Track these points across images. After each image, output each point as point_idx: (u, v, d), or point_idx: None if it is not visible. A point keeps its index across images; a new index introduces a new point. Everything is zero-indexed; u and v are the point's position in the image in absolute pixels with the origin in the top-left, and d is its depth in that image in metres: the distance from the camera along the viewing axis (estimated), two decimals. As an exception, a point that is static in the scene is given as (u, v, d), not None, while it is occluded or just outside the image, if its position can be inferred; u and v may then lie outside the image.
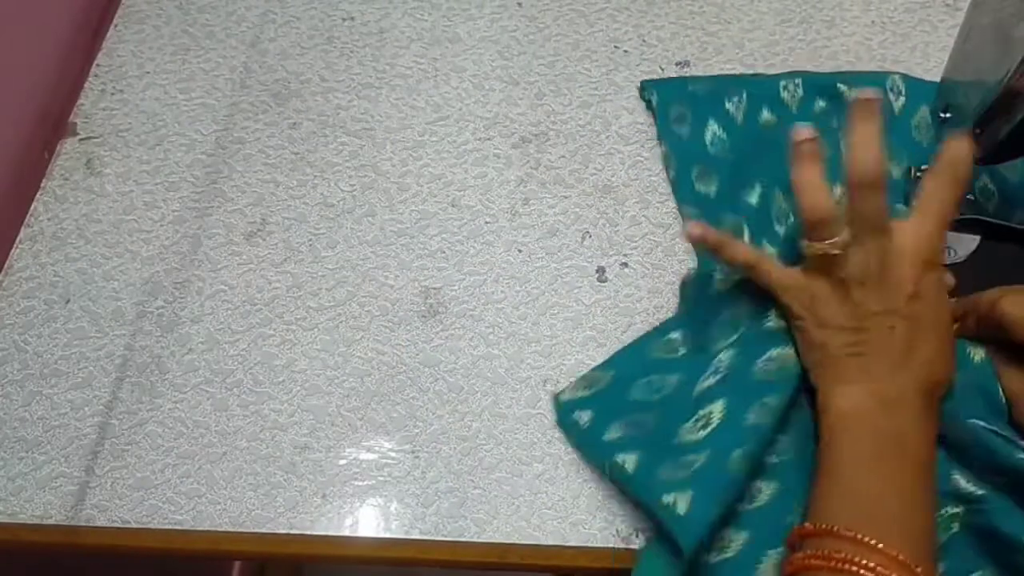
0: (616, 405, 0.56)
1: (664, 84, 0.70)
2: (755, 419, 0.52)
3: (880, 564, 0.42)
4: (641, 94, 0.71)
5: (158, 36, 0.74)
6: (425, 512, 0.54)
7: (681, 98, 0.69)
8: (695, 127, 0.67)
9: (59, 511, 0.54)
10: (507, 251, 0.64)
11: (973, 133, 0.57)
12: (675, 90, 0.69)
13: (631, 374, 0.58)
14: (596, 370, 0.59)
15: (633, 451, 0.53)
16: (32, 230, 0.64)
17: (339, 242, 0.64)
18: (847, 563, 0.42)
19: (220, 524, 0.53)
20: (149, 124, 0.69)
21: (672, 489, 0.50)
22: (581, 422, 0.56)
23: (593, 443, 0.55)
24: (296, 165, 0.68)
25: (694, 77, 0.71)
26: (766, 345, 0.55)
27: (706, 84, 0.70)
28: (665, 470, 0.51)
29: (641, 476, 0.52)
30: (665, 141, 0.68)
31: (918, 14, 0.75)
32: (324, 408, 0.57)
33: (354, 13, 0.76)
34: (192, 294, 0.61)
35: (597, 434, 0.55)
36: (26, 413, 0.57)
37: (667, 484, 0.50)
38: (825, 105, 0.68)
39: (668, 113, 0.68)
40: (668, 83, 0.70)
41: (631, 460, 0.52)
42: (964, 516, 0.51)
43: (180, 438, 0.56)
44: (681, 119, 0.68)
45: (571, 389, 0.58)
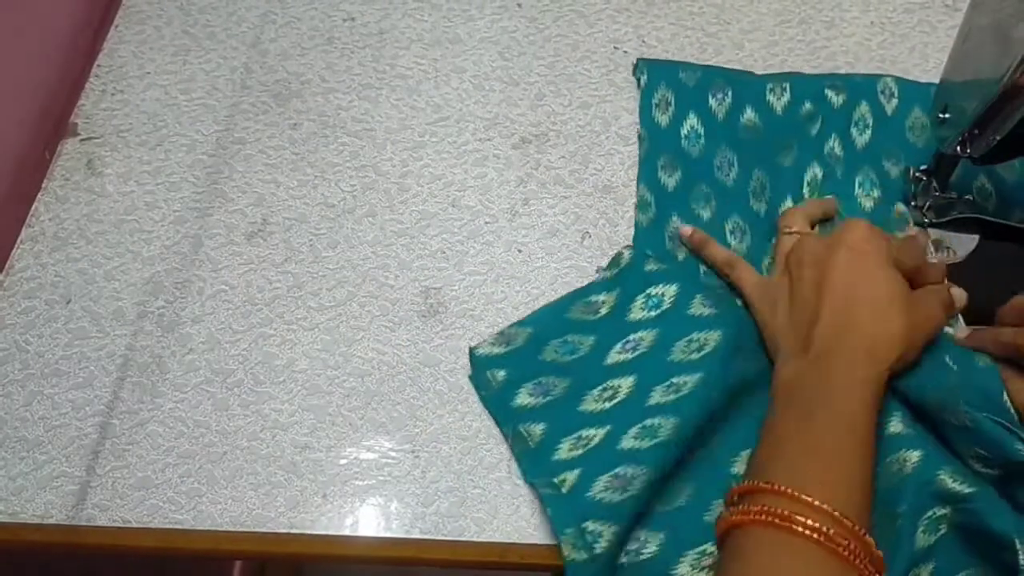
0: (529, 366, 0.57)
1: (656, 66, 0.71)
2: (659, 399, 0.54)
3: (810, 516, 0.44)
4: (634, 71, 0.72)
5: (159, 37, 0.74)
6: (425, 511, 0.54)
7: (668, 84, 0.70)
8: (675, 118, 0.68)
9: (60, 511, 0.54)
10: (507, 251, 0.64)
11: (972, 133, 0.57)
12: (665, 74, 0.70)
13: (548, 333, 0.59)
14: (514, 326, 0.60)
15: (538, 422, 0.55)
16: (33, 230, 0.64)
17: (340, 242, 0.64)
18: (778, 517, 0.44)
19: (221, 524, 0.53)
20: (150, 124, 0.69)
21: (563, 469, 0.52)
22: (494, 381, 0.57)
23: (502, 406, 0.56)
24: (297, 165, 0.68)
25: (687, 64, 0.72)
26: (689, 327, 0.57)
27: (696, 74, 0.70)
28: (563, 448, 0.53)
29: (540, 452, 0.54)
30: (643, 124, 0.69)
31: (917, 15, 0.76)
32: (324, 408, 0.57)
33: (354, 14, 0.76)
34: (193, 294, 0.62)
35: (507, 398, 0.56)
36: (27, 413, 0.57)
37: (560, 464, 0.53)
38: (811, 108, 0.68)
39: (652, 97, 0.69)
40: (660, 66, 0.71)
41: (535, 432, 0.55)
42: (952, 516, 0.51)
43: (181, 438, 0.56)
44: (664, 106, 0.69)
45: (487, 344, 0.59)
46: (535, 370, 0.57)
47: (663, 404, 0.54)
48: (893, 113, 0.69)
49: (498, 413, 0.57)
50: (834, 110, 0.68)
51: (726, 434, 0.54)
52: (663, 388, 0.55)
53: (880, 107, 0.69)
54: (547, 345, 0.58)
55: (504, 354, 0.58)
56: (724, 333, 0.56)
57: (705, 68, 0.71)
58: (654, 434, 0.52)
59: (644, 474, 0.51)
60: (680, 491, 0.53)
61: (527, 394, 0.56)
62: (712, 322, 0.57)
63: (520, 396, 0.56)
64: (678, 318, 0.58)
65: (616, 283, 0.61)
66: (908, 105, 0.69)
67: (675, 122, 0.68)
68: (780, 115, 0.68)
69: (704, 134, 0.68)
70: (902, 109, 0.69)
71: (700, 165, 0.67)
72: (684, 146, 0.67)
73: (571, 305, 0.60)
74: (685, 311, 0.58)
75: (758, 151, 0.67)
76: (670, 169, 0.66)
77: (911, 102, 0.69)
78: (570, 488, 0.51)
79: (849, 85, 0.69)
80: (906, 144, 0.68)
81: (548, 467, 0.53)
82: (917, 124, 0.68)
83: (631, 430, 0.53)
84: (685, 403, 0.53)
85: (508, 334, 0.59)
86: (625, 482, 0.51)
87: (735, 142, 0.67)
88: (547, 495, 0.52)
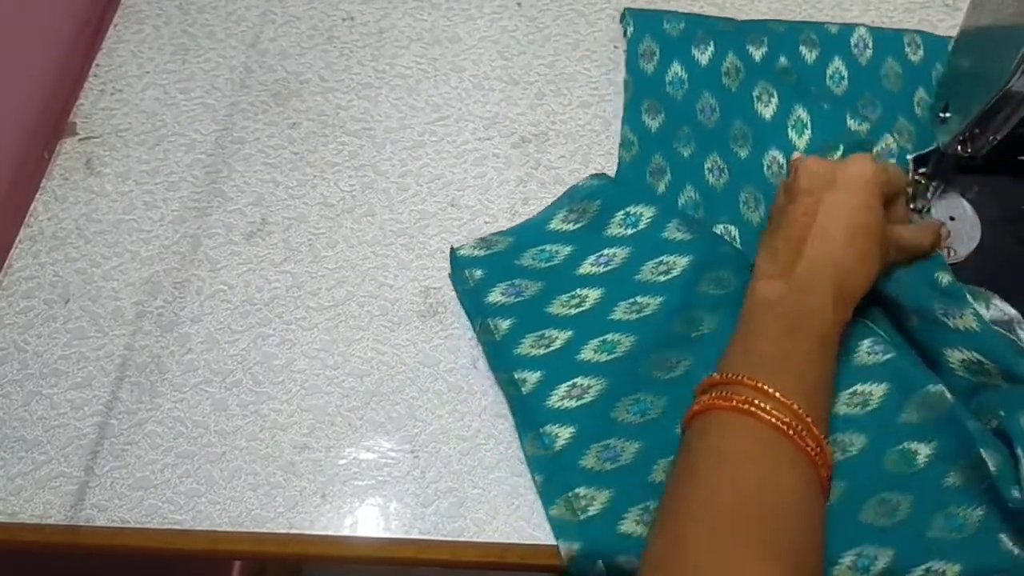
0: (506, 268, 0.61)
1: (642, 16, 0.73)
2: (621, 315, 0.58)
3: (776, 408, 0.47)
4: (621, 20, 0.74)
5: (158, 36, 0.74)
6: (425, 512, 0.54)
7: (654, 35, 0.72)
8: (659, 65, 0.71)
9: (59, 511, 0.54)
10: (507, 251, 0.64)
11: (972, 132, 0.57)
12: (650, 25, 0.72)
13: (528, 241, 0.63)
14: (498, 235, 0.63)
15: (506, 318, 0.59)
16: (32, 230, 0.64)
17: (339, 242, 0.64)
18: (746, 403, 0.47)
19: (220, 524, 0.53)
20: (149, 124, 0.69)
21: (525, 366, 0.57)
22: (471, 279, 0.61)
23: (475, 300, 0.60)
24: (296, 165, 0.68)
25: (672, 13, 0.73)
26: (660, 249, 0.60)
27: (679, 25, 0.72)
28: (525, 344, 0.57)
29: (504, 345, 0.58)
30: (629, 71, 0.71)
31: (918, 14, 0.75)
32: (324, 408, 0.57)
33: (354, 13, 0.76)
34: (192, 294, 0.61)
35: (481, 294, 0.60)
36: (26, 413, 0.57)
37: (522, 360, 0.57)
38: (786, 64, 0.70)
39: (638, 47, 0.72)
40: (646, 16, 0.73)
41: (502, 326, 0.58)
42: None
43: (180, 438, 0.56)
44: (648, 56, 0.71)
45: (470, 247, 0.62)
46: (511, 272, 0.61)
47: (624, 321, 0.58)
48: (867, 64, 0.71)
49: (470, 307, 0.60)
50: (808, 66, 0.70)
51: (695, 358, 0.57)
52: (626, 304, 0.59)
53: (854, 60, 0.71)
54: (525, 252, 0.62)
55: (484, 256, 0.61)
56: (693, 259, 0.60)
57: (688, 18, 0.73)
58: (612, 349, 0.57)
59: (599, 385, 0.56)
60: (652, 406, 0.55)
61: (500, 293, 0.60)
62: (684, 247, 0.60)
63: (493, 294, 0.60)
64: (652, 239, 0.61)
65: (599, 194, 0.63)
66: (881, 55, 0.71)
67: (660, 69, 0.70)
68: (759, 63, 0.70)
69: (688, 79, 0.70)
70: (875, 59, 0.71)
71: (683, 108, 0.69)
72: (668, 91, 0.70)
73: (555, 214, 0.63)
74: (659, 233, 0.61)
75: (739, 98, 0.68)
76: (654, 112, 0.69)
77: (884, 52, 0.71)
78: (530, 391, 0.56)
79: (823, 39, 0.71)
80: (882, 91, 0.70)
81: (510, 360, 0.57)
82: (891, 73, 0.70)
83: (591, 342, 0.57)
84: (644, 324, 0.58)
85: (490, 240, 0.62)
86: (582, 391, 0.56)
87: (718, 88, 0.69)
88: (511, 394, 0.56)
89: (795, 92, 0.67)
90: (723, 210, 0.64)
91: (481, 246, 0.62)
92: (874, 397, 0.55)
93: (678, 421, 0.53)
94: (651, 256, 0.60)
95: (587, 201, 0.63)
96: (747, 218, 0.63)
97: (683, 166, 0.66)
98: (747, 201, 0.64)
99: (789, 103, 0.66)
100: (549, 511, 0.53)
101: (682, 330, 0.58)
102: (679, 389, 0.55)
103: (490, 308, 0.59)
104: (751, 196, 0.64)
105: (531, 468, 0.54)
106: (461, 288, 0.61)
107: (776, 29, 0.72)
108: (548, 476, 0.54)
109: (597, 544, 0.51)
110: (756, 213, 0.63)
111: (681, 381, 0.56)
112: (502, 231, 0.63)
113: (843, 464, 0.53)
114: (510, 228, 0.63)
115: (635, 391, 0.56)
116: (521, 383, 0.56)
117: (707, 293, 0.59)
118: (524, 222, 0.64)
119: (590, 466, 0.53)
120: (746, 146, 0.66)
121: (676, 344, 0.57)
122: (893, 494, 0.52)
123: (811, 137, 0.64)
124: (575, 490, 0.53)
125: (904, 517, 0.51)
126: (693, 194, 0.65)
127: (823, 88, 0.69)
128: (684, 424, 0.51)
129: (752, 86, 0.68)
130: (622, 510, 0.52)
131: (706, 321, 0.58)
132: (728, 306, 0.58)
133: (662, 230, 0.61)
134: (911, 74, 0.70)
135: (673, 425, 0.53)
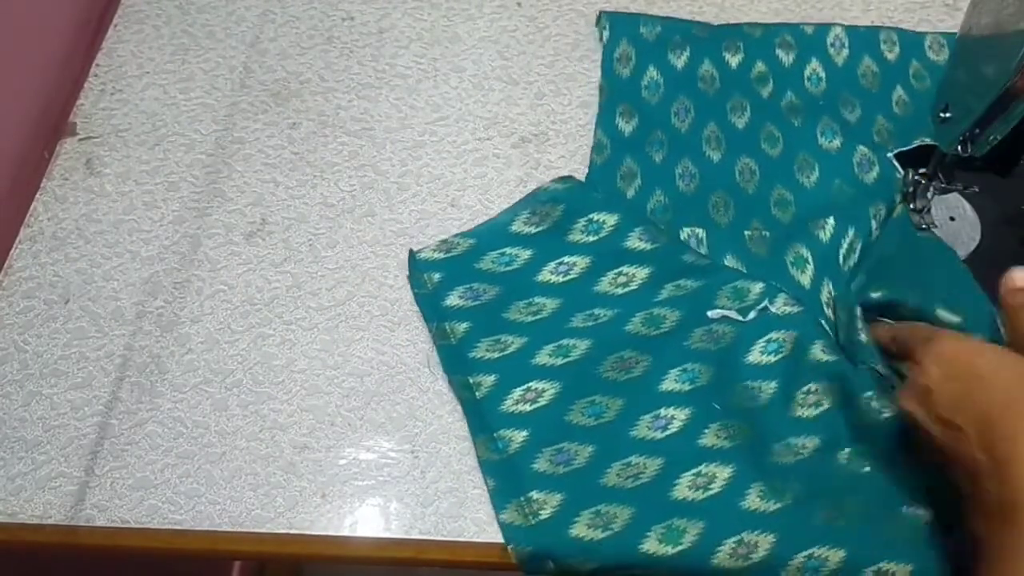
0: (465, 272, 0.61)
1: (618, 19, 0.73)
2: (578, 323, 0.58)
3: None
4: (597, 23, 0.74)
5: (158, 36, 0.74)
6: (424, 512, 0.54)
7: (630, 40, 0.72)
8: (636, 71, 0.71)
9: (59, 511, 0.54)
10: (507, 251, 0.64)
11: (972, 132, 0.57)
12: (627, 28, 0.73)
13: (489, 244, 0.63)
14: (459, 236, 0.63)
15: (462, 321, 0.59)
16: (32, 230, 0.64)
17: (339, 242, 0.64)
18: None
19: (220, 524, 0.53)
20: (149, 124, 0.69)
21: (480, 370, 0.57)
22: (429, 283, 0.61)
23: (433, 304, 0.60)
24: (296, 165, 0.68)
25: (648, 17, 0.74)
26: (620, 260, 0.60)
27: (656, 28, 0.72)
28: (480, 347, 0.58)
29: (460, 348, 0.58)
30: (604, 75, 0.71)
31: (918, 14, 0.75)
32: (324, 408, 0.57)
33: (354, 13, 0.76)
34: (192, 294, 0.61)
35: (439, 297, 0.60)
36: (26, 413, 0.57)
37: (477, 364, 0.57)
38: (763, 69, 0.71)
39: (614, 51, 0.72)
40: (622, 19, 0.73)
41: (459, 329, 0.59)
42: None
43: (180, 438, 0.56)
44: (624, 60, 0.71)
45: (429, 250, 0.62)
46: (470, 276, 0.61)
47: (580, 328, 0.58)
48: (844, 63, 0.71)
49: (427, 310, 0.60)
50: (785, 69, 0.71)
51: (654, 357, 0.57)
52: (583, 315, 0.59)
53: (830, 60, 0.71)
54: (486, 255, 0.62)
55: (443, 260, 0.62)
56: (653, 270, 0.60)
57: (664, 22, 0.73)
58: (567, 353, 0.57)
59: (553, 389, 0.56)
60: (608, 408, 0.55)
61: (458, 296, 0.60)
62: (644, 257, 0.61)
63: (451, 297, 0.60)
64: (613, 248, 0.61)
65: (563, 198, 0.64)
66: (858, 53, 0.72)
67: (636, 74, 0.71)
68: (735, 70, 0.71)
69: (664, 83, 0.70)
70: (852, 58, 0.71)
71: (658, 112, 0.69)
72: (644, 95, 0.70)
73: (517, 215, 0.64)
74: (621, 242, 0.62)
75: (714, 104, 0.69)
76: (628, 116, 0.69)
77: (860, 50, 0.72)
78: (484, 395, 0.56)
79: (799, 41, 0.72)
80: (860, 90, 0.70)
81: (465, 364, 0.57)
82: (868, 72, 0.71)
83: (546, 347, 0.57)
84: (600, 330, 0.58)
85: (451, 243, 0.63)
86: (536, 394, 0.56)
87: (693, 92, 0.70)
88: (464, 398, 0.56)
89: (769, 106, 0.68)
90: (692, 213, 0.64)
91: (441, 248, 0.62)
92: (825, 399, 0.55)
93: (633, 424, 0.54)
94: (611, 266, 0.61)
95: (551, 204, 0.63)
96: (716, 220, 0.64)
97: (654, 171, 0.66)
98: (716, 205, 0.64)
99: (761, 118, 0.68)
100: (500, 515, 0.52)
101: (641, 330, 0.58)
102: (635, 389, 0.55)
103: (447, 311, 0.59)
104: (721, 200, 0.64)
105: (483, 472, 0.54)
106: (419, 291, 0.61)
107: (752, 34, 0.72)
108: (500, 480, 0.54)
109: (549, 547, 0.51)
110: (725, 217, 0.64)
111: (639, 382, 0.56)
112: (464, 232, 0.63)
113: (798, 466, 0.53)
114: (472, 229, 0.63)
115: (590, 393, 0.56)
116: (476, 387, 0.56)
117: (667, 297, 0.59)
118: (486, 222, 0.64)
119: (543, 469, 0.53)
120: (719, 149, 0.67)
121: (634, 343, 0.57)
122: (846, 495, 0.52)
123: (783, 150, 0.66)
124: (528, 494, 0.53)
125: (854, 518, 0.51)
126: (663, 198, 0.65)
127: (801, 90, 0.70)
128: None
129: (727, 97, 0.69)
130: (574, 513, 0.52)
131: (667, 320, 0.58)
132: (688, 305, 0.58)
133: (624, 239, 0.62)
134: (888, 72, 0.71)
135: (627, 428, 0.54)
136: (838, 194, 0.64)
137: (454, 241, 0.63)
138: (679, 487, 0.52)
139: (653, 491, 0.52)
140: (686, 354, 0.56)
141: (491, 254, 0.62)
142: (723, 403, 0.55)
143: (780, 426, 0.54)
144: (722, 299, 0.59)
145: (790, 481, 0.52)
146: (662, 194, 0.65)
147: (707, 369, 0.56)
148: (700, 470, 0.53)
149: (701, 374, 0.56)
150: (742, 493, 0.52)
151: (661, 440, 0.54)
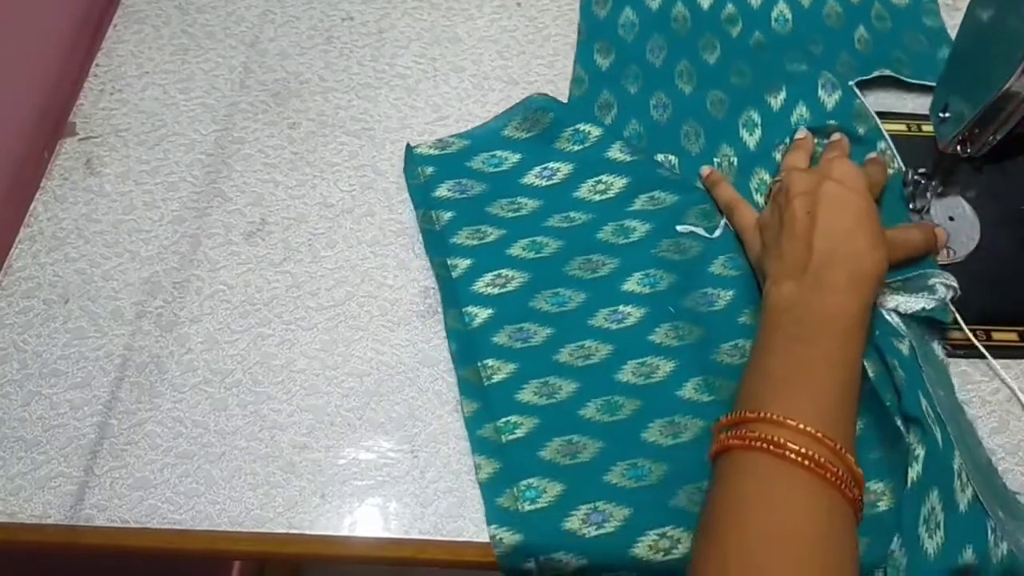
0: (455, 168, 0.66)
1: None
2: (555, 223, 0.63)
3: (790, 440, 0.45)
4: None
5: (157, 36, 0.74)
6: (424, 512, 0.54)
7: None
8: (612, 11, 0.75)
9: (58, 511, 0.54)
10: (506, 251, 0.64)
11: (972, 132, 0.57)
12: None
13: (482, 145, 0.67)
14: (454, 136, 0.68)
15: (448, 210, 0.63)
16: (31, 230, 0.64)
17: (338, 242, 0.64)
18: (770, 443, 0.46)
19: (219, 524, 0.53)
20: (148, 124, 0.69)
21: (457, 254, 0.61)
22: (422, 175, 0.65)
23: (423, 193, 0.65)
24: (295, 165, 0.68)
25: None
26: (601, 168, 0.65)
27: None
28: (461, 235, 0.62)
29: (443, 234, 0.62)
30: (583, 17, 0.75)
31: (918, 14, 0.75)
32: (323, 408, 0.57)
33: (353, 13, 0.76)
34: (191, 294, 0.61)
35: (429, 188, 0.65)
36: (25, 413, 0.57)
37: (456, 248, 0.61)
38: (732, 11, 0.75)
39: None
40: None
41: (444, 216, 0.63)
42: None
43: (179, 438, 0.56)
44: (602, 2, 0.76)
45: (426, 146, 0.67)
46: (460, 172, 0.65)
47: (555, 228, 0.62)
48: (810, 5, 0.75)
49: (417, 197, 0.65)
50: (753, 10, 0.75)
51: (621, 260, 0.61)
52: (560, 217, 0.63)
53: (797, 2, 0.75)
54: (477, 155, 0.66)
55: (437, 156, 0.66)
56: (630, 181, 0.64)
57: None
58: (539, 250, 0.61)
59: (522, 278, 0.60)
60: (571, 300, 0.59)
61: (447, 189, 0.64)
62: (623, 168, 0.65)
63: (440, 189, 0.65)
64: (595, 158, 0.65)
65: (553, 106, 0.67)
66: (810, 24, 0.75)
67: (612, 14, 0.75)
68: (705, 11, 0.75)
69: (639, 23, 0.74)
70: (817, 0, 0.75)
71: (633, 49, 0.73)
72: (620, 33, 0.74)
73: (510, 120, 0.68)
74: (603, 153, 0.65)
75: (686, 42, 0.73)
76: (605, 52, 0.73)
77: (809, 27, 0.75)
78: (459, 275, 0.61)
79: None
80: (824, 29, 0.74)
81: (446, 248, 0.62)
82: (832, 12, 0.74)
83: (521, 240, 0.62)
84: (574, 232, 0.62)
85: (446, 141, 0.67)
86: (506, 280, 0.60)
87: (667, 31, 0.74)
88: (441, 276, 0.61)
89: (737, 44, 0.72)
90: (665, 141, 0.68)
91: (436, 146, 0.67)
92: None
93: (592, 315, 0.58)
94: (591, 174, 0.65)
95: (541, 112, 0.67)
96: (687, 148, 0.68)
97: (630, 101, 0.70)
98: (688, 134, 0.68)
99: (731, 55, 0.71)
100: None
101: (611, 238, 0.62)
102: (598, 287, 0.60)
103: (435, 201, 0.64)
104: (692, 129, 0.68)
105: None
106: (412, 182, 0.65)
107: None
108: (461, 349, 0.58)
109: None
110: (696, 145, 0.68)
111: (603, 281, 0.60)
112: (459, 133, 0.68)
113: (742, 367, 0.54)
114: (467, 131, 0.68)
115: (556, 286, 0.60)
116: (452, 268, 0.61)
117: (640, 208, 0.63)
118: (480, 125, 0.68)
119: (501, 342, 0.57)
120: (690, 83, 0.70)
121: (603, 248, 0.62)
122: None
123: (752, 80, 0.70)
124: (484, 361, 0.56)
125: None
126: (638, 127, 0.69)
127: (768, 30, 0.73)
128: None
129: (699, 35, 0.73)
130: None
131: (636, 230, 0.62)
132: (659, 219, 0.62)
133: (606, 150, 0.65)
134: (851, 12, 0.74)
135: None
136: (800, 121, 0.66)
137: (449, 140, 0.67)
138: (624, 372, 0.57)
139: (599, 372, 0.57)
140: (651, 260, 0.61)
141: (482, 155, 0.66)
142: (678, 307, 0.59)
143: (731, 329, 0.58)
144: (691, 218, 0.63)
145: (730, 380, 0.55)
146: (637, 123, 0.69)
147: (669, 276, 0.60)
148: (645, 360, 0.57)
149: (662, 279, 0.60)
150: (680, 384, 0.56)
151: (615, 331, 0.58)
